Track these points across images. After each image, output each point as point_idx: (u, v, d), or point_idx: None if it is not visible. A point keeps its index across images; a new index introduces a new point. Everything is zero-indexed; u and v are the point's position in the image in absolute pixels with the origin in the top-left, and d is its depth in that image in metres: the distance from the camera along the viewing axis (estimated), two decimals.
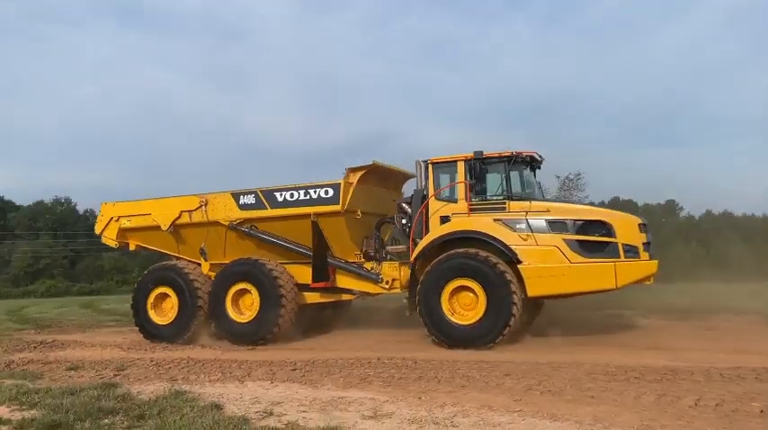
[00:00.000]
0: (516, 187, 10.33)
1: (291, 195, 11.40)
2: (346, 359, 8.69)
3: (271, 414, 5.73)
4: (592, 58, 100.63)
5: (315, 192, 11.18)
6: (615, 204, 31.29)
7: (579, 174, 26.92)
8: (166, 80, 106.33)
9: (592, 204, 14.82)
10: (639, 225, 9.79)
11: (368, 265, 11.37)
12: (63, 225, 59.69)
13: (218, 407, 5.95)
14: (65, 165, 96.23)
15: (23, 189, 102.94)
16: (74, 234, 58.41)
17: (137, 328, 12.13)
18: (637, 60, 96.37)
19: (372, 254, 11.44)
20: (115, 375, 8.03)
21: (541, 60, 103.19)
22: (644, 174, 57.14)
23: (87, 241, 56.26)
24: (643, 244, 9.65)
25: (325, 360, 8.68)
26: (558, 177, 26.30)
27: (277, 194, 11.54)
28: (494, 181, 10.34)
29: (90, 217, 65.03)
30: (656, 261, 9.68)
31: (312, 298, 11.64)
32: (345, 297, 11.84)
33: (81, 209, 64.04)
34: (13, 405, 6.24)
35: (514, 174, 10.41)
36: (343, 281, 11.59)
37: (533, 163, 10.84)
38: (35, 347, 11.17)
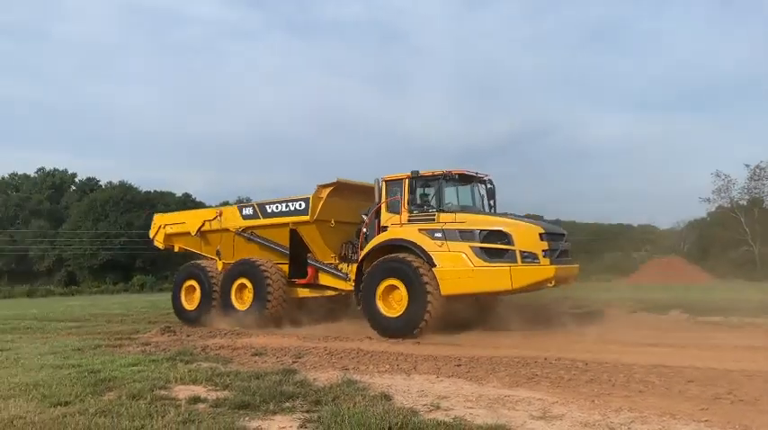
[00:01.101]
0: (448, 200, 12.12)
1: (277, 207, 13.87)
2: (511, 357, 8.55)
3: (438, 407, 5.81)
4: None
5: (293, 205, 13.53)
6: None
7: None
8: (333, 85, 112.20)
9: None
10: (540, 234, 11.08)
11: (341, 266, 13.24)
12: None
13: (387, 397, 6.15)
14: (245, 168, 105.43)
15: (212, 191, 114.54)
16: None
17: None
18: None
19: (349, 256, 13.26)
20: (293, 362, 8.61)
21: (716, 42, 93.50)
22: None
23: None
24: (543, 251, 10.93)
25: (489, 357, 8.62)
26: (748, 166, 23.75)
27: (267, 207, 14.12)
28: (428, 195, 12.13)
29: None
30: (554, 267, 10.92)
31: (303, 292, 13.95)
32: (328, 293, 13.74)
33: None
34: (208, 385, 6.94)
35: (450, 190, 12.28)
36: (324, 279, 13.62)
37: (471, 179, 12.52)
38: (225, 334, 12.35)
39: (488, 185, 12.63)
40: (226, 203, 68.38)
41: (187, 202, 62.86)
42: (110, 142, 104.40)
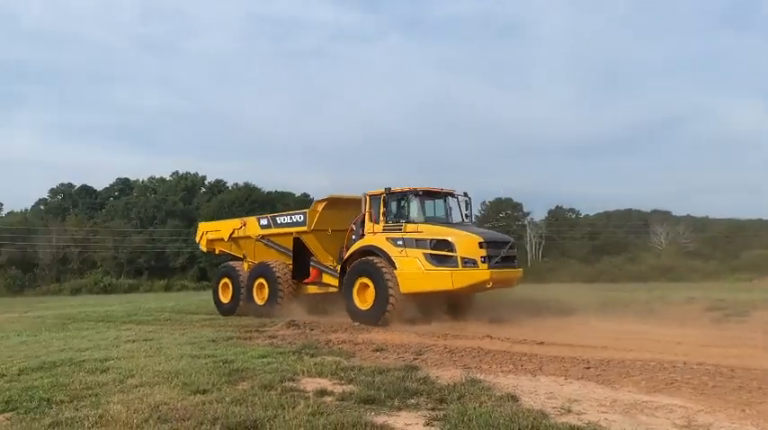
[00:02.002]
0: (414, 212, 13.94)
1: (284, 219, 16.61)
2: (646, 361, 8.00)
3: (569, 411, 5.53)
4: None
5: (294, 217, 16.23)
6: None
7: None
8: (447, 82, 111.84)
9: None
10: (480, 243, 12.81)
11: (339, 268, 14.97)
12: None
13: (513, 398, 5.95)
14: (361, 168, 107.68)
15: (329, 191, 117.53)
16: None
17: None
18: None
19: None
20: (414, 359, 8.58)
21: None
22: None
23: None
24: (482, 257, 12.67)
25: (621, 360, 8.11)
26: None
27: (277, 218, 16.95)
28: (399, 208, 14.08)
29: None
30: (490, 271, 12.63)
31: (312, 289, 16.20)
32: (331, 290, 15.44)
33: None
34: (334, 379, 7.07)
35: (416, 204, 14.02)
36: (326, 278, 15.68)
37: (437, 194, 14.59)
38: (346, 329, 12.62)
39: (463, 198, 14.70)
40: None
41: (306, 202, 65.30)
42: (234, 146, 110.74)
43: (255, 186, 66.01)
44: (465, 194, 14.63)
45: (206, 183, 74.01)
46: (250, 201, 60.04)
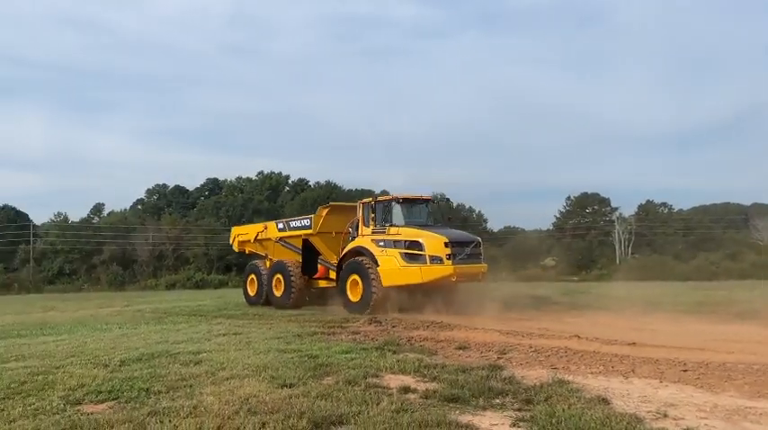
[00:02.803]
0: (398, 217, 16.25)
1: (295, 223, 19.20)
2: (748, 364, 7.49)
3: (665, 416, 5.25)
4: None
5: (303, 221, 18.81)
6: None
7: None
8: (526, 76, 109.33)
9: None
10: (445, 243, 14.82)
11: None
12: (441, 218, 66.39)
13: (604, 401, 5.72)
14: (441, 163, 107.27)
15: (408, 187, 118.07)
16: (450, 226, 64.50)
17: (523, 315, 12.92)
18: None
19: None
20: (498, 358, 8.43)
21: None
22: None
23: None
24: (447, 255, 14.66)
25: (721, 362, 7.63)
26: None
27: (290, 222, 19.56)
28: (384, 214, 16.30)
29: (462, 210, 71.22)
30: (454, 266, 14.63)
31: (322, 283, 18.45)
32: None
33: (455, 203, 70.47)
34: (417, 376, 7.06)
35: (398, 210, 16.38)
36: (333, 274, 17.58)
37: (415, 201, 17.10)
38: (428, 327, 12.56)
39: (444, 203, 17.85)
40: None
41: None
42: (316, 145, 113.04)
43: (336, 184, 67.17)
44: (444, 198, 18.33)
45: (289, 182, 76.09)
46: (331, 199, 61.08)
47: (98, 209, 72.56)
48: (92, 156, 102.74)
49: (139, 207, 76.27)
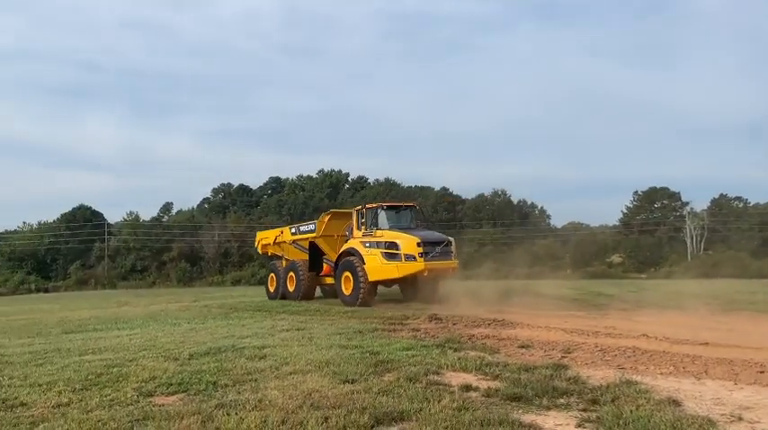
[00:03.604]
0: (384, 222, 18.49)
1: (304, 227, 22.06)
2: None
3: (740, 419, 5.02)
4: None
5: (309, 226, 21.72)
6: None
7: None
8: (588, 67, 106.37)
9: None
10: (418, 243, 17.09)
11: None
12: (500, 215, 65.70)
13: (675, 402, 5.51)
14: (500, 158, 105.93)
15: (468, 183, 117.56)
16: (510, 223, 63.70)
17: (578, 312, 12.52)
18: None
19: None
20: (562, 357, 8.24)
21: None
22: None
23: (521, 229, 60.72)
24: (420, 253, 16.97)
25: None
26: None
27: (301, 227, 22.46)
28: (372, 219, 18.61)
29: (523, 207, 70.09)
30: (425, 263, 16.89)
31: (328, 280, 20.87)
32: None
33: (515, 199, 69.47)
34: (478, 374, 6.99)
35: (383, 215, 18.71)
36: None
37: (398, 207, 19.52)
38: (489, 324, 12.41)
39: (417, 209, 20.17)
40: (482, 196, 70.09)
41: (444, 196, 65.46)
42: (376, 143, 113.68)
43: (396, 182, 67.38)
44: (419, 206, 20.88)
45: (349, 179, 76.85)
46: (390, 196, 61.35)
47: (167, 208, 75.52)
48: (160, 157, 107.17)
49: (206, 206, 78.80)
